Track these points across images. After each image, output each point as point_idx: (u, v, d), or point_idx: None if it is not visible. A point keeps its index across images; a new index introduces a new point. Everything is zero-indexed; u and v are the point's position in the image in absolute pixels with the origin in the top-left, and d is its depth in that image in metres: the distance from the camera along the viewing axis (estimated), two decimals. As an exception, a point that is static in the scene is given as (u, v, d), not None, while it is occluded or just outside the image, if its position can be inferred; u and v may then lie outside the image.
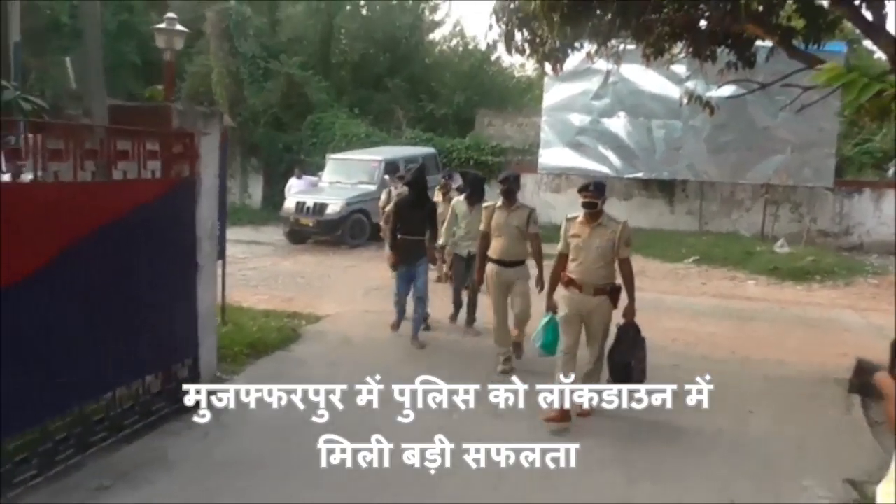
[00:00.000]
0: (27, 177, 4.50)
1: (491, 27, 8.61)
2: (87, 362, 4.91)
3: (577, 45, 8.93)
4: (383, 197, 10.83)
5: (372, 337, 8.80)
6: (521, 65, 30.70)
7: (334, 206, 16.51)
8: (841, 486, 5.19)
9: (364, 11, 27.17)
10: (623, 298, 6.20)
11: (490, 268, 7.59)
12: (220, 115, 6.52)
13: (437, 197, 11.31)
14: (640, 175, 18.19)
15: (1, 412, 4.22)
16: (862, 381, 7.62)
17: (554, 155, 18.72)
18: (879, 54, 20.97)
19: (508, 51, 8.84)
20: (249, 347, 7.83)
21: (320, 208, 16.56)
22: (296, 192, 17.64)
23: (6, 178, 4.32)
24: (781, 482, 5.28)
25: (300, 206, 16.77)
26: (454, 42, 28.91)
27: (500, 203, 7.55)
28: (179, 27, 14.31)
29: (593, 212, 6.06)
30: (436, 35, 29.10)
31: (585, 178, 7.62)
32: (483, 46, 23.49)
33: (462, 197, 9.34)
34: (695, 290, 13.10)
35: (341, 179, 17.68)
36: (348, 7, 26.58)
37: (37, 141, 4.40)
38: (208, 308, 6.36)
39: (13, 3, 7.17)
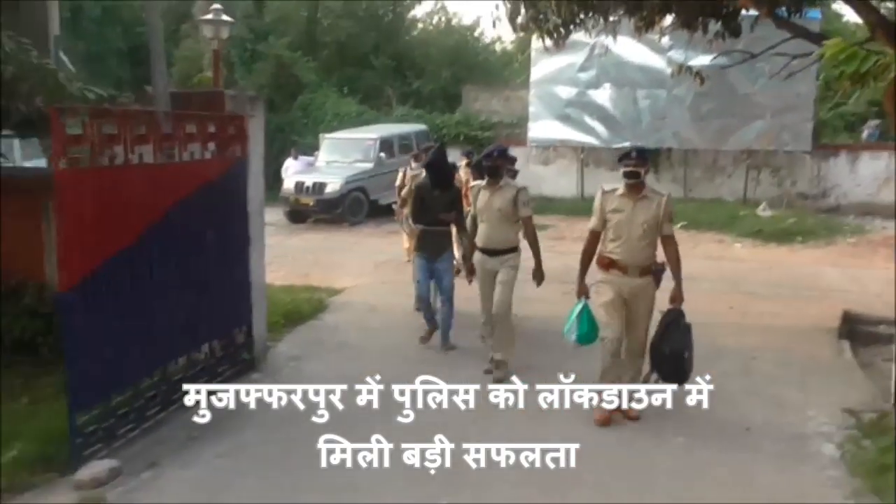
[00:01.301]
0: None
1: (498, 6, 9.11)
2: (168, 328, 5.45)
3: (577, 20, 9.42)
4: (399, 177, 10.69)
5: (394, 304, 9.27)
6: (497, 38, 31.23)
7: (333, 185, 16.95)
8: (840, 415, 5.84)
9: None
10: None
11: (476, 256, 6.81)
12: (263, 100, 6.98)
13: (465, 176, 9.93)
14: (626, 145, 18.72)
15: (105, 373, 4.76)
16: (850, 328, 8.34)
17: (543, 127, 19.25)
18: (847, 17, 21.87)
19: (513, 28, 9.36)
20: (284, 317, 8.36)
21: (319, 187, 16.99)
22: (293, 172, 18.04)
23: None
24: (788, 414, 5.92)
25: (299, 185, 17.18)
26: (436, 19, 29.27)
27: (485, 182, 6.77)
28: (225, 17, 14.50)
29: (636, 183, 5.50)
30: (418, 12, 29.48)
31: (614, 150, 6.69)
32: (467, 22, 23.91)
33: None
34: (686, 253, 13.45)
35: (338, 158, 18.11)
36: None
37: (125, 127, 4.88)
38: (259, 279, 6.89)
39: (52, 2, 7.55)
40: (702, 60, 14.76)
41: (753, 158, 18.31)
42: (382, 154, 17.75)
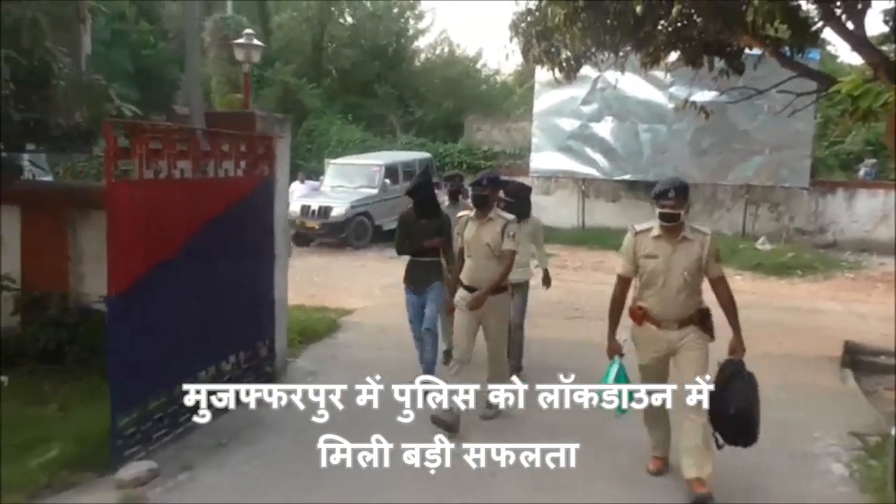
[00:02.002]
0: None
1: (511, 39, 9.42)
2: (200, 338, 5.64)
3: (588, 54, 9.74)
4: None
5: (403, 325, 9.30)
6: (497, 70, 31.77)
7: (339, 209, 17.19)
8: (847, 437, 6.04)
9: (350, 20, 27.96)
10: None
11: (459, 293, 6.11)
12: (290, 121, 7.23)
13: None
14: (627, 177, 19.09)
15: (144, 378, 4.94)
16: (851, 358, 8.56)
17: (545, 158, 19.59)
18: (842, 58, 22.42)
19: (526, 61, 9.69)
20: (300, 335, 8.54)
21: (325, 211, 17.23)
22: (299, 196, 18.28)
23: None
24: (795, 436, 6.11)
25: (305, 209, 17.41)
26: (438, 50, 29.78)
27: (473, 213, 6.12)
28: (256, 42, 14.95)
29: (675, 225, 4.77)
30: (421, 43, 30.00)
31: (656, 182, 5.02)
32: (470, 53, 24.34)
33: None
34: None
35: (343, 183, 18.38)
36: (336, 12, 27.31)
37: (168, 143, 5.11)
38: (282, 294, 7.09)
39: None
40: (703, 97, 15.10)
41: (752, 193, 18.65)
42: (387, 180, 18.04)
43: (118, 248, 4.67)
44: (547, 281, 7.65)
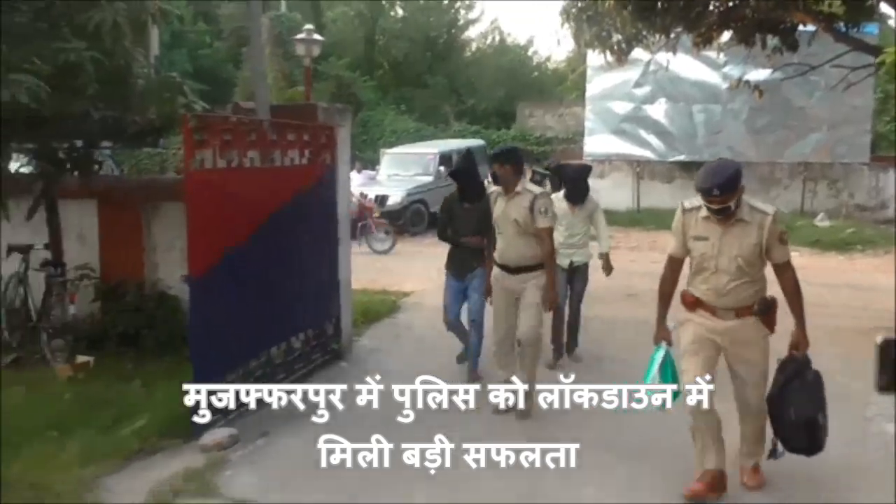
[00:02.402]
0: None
1: (563, 24, 9.62)
2: (272, 317, 6.02)
3: (639, 37, 9.88)
4: None
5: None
6: (548, 57, 31.80)
7: (395, 197, 17.57)
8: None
9: (401, 12, 28.32)
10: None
11: (493, 272, 6.01)
12: (350, 111, 7.56)
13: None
14: (681, 158, 19.08)
15: (222, 353, 5.32)
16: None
17: (599, 142, 19.68)
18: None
19: (578, 46, 9.87)
20: (363, 315, 8.90)
21: (382, 199, 17.60)
22: (356, 185, 18.69)
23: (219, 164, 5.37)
24: (850, 403, 6.22)
25: (362, 198, 17.81)
26: (490, 39, 29.94)
27: (501, 190, 5.94)
28: (316, 36, 15.54)
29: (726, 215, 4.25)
30: (472, 32, 30.19)
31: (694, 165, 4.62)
32: (521, 41, 24.49)
33: (561, 193, 7.25)
34: None
35: (399, 172, 18.74)
36: (387, 6, 27.71)
37: (239, 134, 5.47)
38: (346, 277, 7.44)
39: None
40: (757, 75, 15.05)
41: (810, 171, 18.46)
42: (441, 168, 18.33)
43: (197, 233, 5.04)
44: (608, 267, 7.46)
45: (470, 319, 6.65)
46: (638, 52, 12.04)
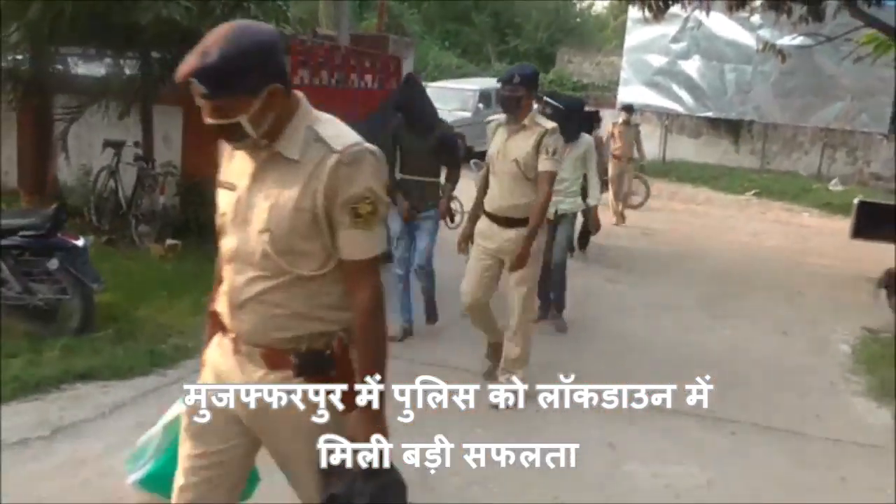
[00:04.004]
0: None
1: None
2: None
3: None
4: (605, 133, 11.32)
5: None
6: (590, 5, 32.21)
7: (435, 130, 18.46)
8: (860, 332, 7.29)
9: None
10: None
11: (479, 224, 4.95)
12: (413, 44, 8.62)
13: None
14: (710, 114, 19.90)
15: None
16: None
17: (632, 92, 20.46)
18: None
19: None
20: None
21: (422, 131, 18.52)
22: (397, 117, 19.66)
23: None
24: (819, 328, 7.41)
25: (403, 129, 18.79)
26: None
27: (504, 119, 4.87)
28: None
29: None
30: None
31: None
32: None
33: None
34: (755, 216, 15.09)
35: (439, 106, 19.39)
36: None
37: (332, 58, 6.59)
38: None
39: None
40: (792, 40, 15.73)
41: (830, 137, 19.21)
42: (481, 105, 19.22)
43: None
44: (595, 224, 6.71)
45: (416, 266, 5.87)
46: (676, 9, 12.85)
